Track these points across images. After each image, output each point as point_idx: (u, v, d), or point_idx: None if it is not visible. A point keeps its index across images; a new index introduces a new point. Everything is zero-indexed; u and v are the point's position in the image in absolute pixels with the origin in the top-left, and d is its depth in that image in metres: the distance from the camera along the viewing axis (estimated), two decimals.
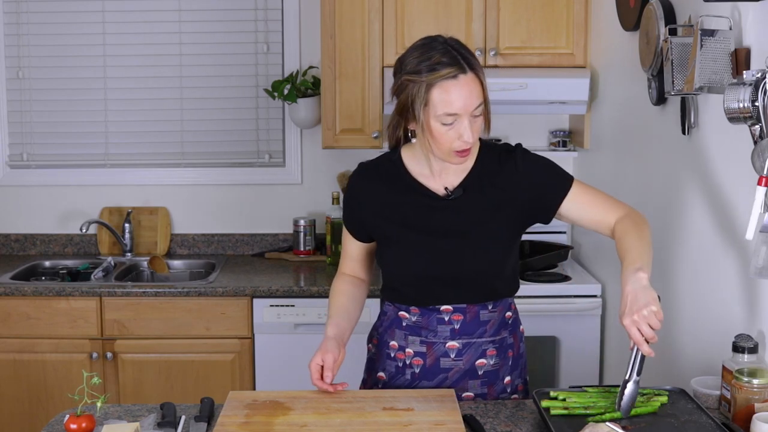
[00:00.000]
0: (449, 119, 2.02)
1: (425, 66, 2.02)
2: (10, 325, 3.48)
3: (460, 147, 2.05)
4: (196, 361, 3.51)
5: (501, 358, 2.22)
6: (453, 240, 2.14)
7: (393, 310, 2.25)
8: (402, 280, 2.21)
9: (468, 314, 2.18)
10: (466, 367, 2.19)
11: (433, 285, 2.17)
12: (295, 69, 3.95)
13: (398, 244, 2.18)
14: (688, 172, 2.54)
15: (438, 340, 2.19)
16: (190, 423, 1.99)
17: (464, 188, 2.15)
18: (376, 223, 2.21)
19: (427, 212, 2.15)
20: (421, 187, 2.17)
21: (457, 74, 2.01)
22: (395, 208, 2.18)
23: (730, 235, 2.24)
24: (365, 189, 2.22)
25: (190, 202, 4.09)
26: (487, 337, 2.20)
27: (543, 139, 4.02)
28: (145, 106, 4.05)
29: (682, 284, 2.59)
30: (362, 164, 2.27)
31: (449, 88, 2.01)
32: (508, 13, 3.59)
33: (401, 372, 2.23)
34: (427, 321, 2.19)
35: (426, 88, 2.01)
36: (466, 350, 2.19)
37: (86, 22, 4.00)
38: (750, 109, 1.90)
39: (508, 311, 2.25)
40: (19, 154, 4.09)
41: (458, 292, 2.17)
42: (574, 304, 3.40)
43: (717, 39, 2.13)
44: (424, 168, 2.17)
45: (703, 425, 1.90)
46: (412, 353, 2.21)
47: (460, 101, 2.01)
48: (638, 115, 2.98)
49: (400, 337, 2.23)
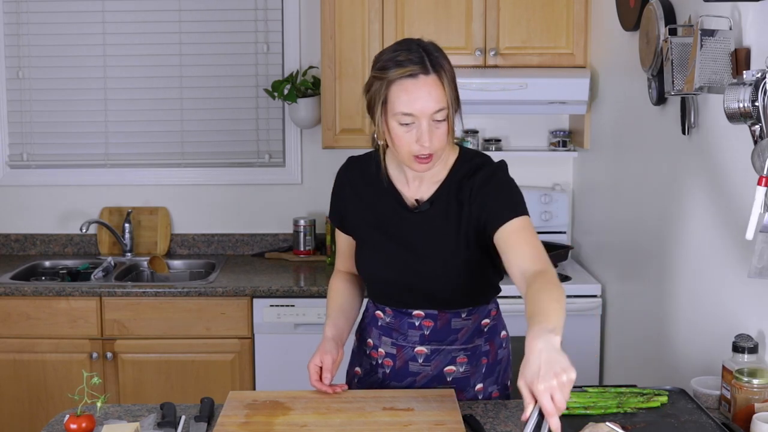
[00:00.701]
0: (406, 119, 1.96)
1: (392, 63, 1.97)
2: (10, 325, 3.48)
3: (419, 152, 1.98)
4: (196, 361, 3.51)
5: (472, 365, 2.19)
6: (412, 251, 2.12)
7: (372, 308, 2.26)
8: (372, 280, 2.21)
9: (439, 321, 2.15)
10: (434, 372, 2.18)
11: (401, 290, 2.16)
12: (295, 69, 3.95)
13: (369, 246, 2.18)
14: (688, 172, 2.54)
15: (407, 343, 2.18)
16: (190, 423, 1.99)
17: (431, 202, 2.11)
18: (353, 220, 2.21)
19: (396, 220, 2.13)
20: (396, 193, 2.14)
21: (417, 74, 1.94)
22: (371, 210, 2.17)
23: (730, 235, 2.24)
24: (349, 184, 2.22)
25: (190, 202, 4.09)
26: (458, 345, 2.17)
27: (543, 139, 4.02)
28: (145, 106, 4.05)
29: (682, 284, 2.59)
30: (351, 158, 2.26)
31: (407, 86, 1.95)
32: (508, 13, 3.59)
33: (374, 370, 2.23)
34: (399, 323, 2.18)
35: (386, 86, 1.97)
36: (435, 356, 2.17)
37: (86, 22, 4.00)
38: (750, 109, 1.90)
39: (485, 318, 2.20)
40: (19, 154, 4.09)
41: (426, 301, 2.15)
42: (574, 304, 3.40)
43: (717, 39, 2.13)
44: (400, 174, 2.14)
45: (703, 425, 1.90)
46: (384, 353, 2.21)
47: (418, 102, 1.94)
48: (638, 115, 2.98)
49: (375, 335, 2.23)
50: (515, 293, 3.10)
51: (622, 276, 3.25)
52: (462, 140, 3.89)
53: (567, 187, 4.00)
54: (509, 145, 4.00)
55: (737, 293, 2.20)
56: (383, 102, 1.98)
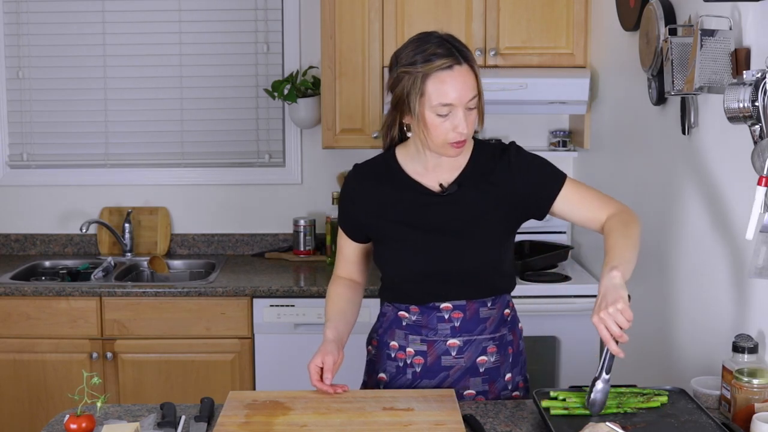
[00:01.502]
0: (444, 110, 2.03)
1: (420, 57, 2.04)
2: (10, 325, 3.48)
3: (455, 139, 2.06)
4: (196, 361, 3.51)
5: (501, 354, 2.23)
6: (450, 237, 2.14)
7: (392, 310, 2.26)
8: (401, 277, 2.22)
9: (468, 311, 2.18)
10: (468, 364, 2.20)
11: (432, 282, 2.17)
12: (295, 69, 3.95)
13: (396, 242, 2.19)
14: (687, 172, 2.54)
15: (439, 338, 2.19)
16: (190, 423, 1.99)
17: (459, 184, 2.16)
18: (373, 222, 2.21)
19: (423, 209, 2.16)
20: (416, 184, 2.18)
21: (452, 65, 2.03)
22: (391, 206, 2.18)
23: (730, 235, 2.24)
24: (360, 189, 2.23)
25: (190, 202, 4.09)
26: (487, 334, 2.20)
27: (543, 139, 4.02)
28: (145, 106, 4.05)
29: (682, 284, 2.59)
30: (357, 165, 2.28)
31: (444, 78, 2.02)
32: (508, 13, 3.59)
33: (402, 372, 2.23)
34: (427, 319, 2.19)
35: (422, 79, 2.03)
36: (467, 347, 2.19)
37: (86, 22, 4.00)
38: (750, 109, 1.90)
39: (506, 308, 2.25)
40: (19, 154, 4.09)
41: (457, 289, 2.17)
42: (574, 304, 3.40)
43: (717, 39, 2.13)
44: (418, 165, 2.18)
45: (703, 425, 1.90)
46: (413, 352, 2.21)
47: (455, 92, 2.02)
48: (638, 115, 2.98)
49: (400, 336, 2.23)
50: (520, 293, 3.13)
51: None
52: None
53: None
54: None
55: (737, 293, 2.20)
56: (420, 94, 2.04)
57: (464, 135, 2.06)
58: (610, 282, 1.90)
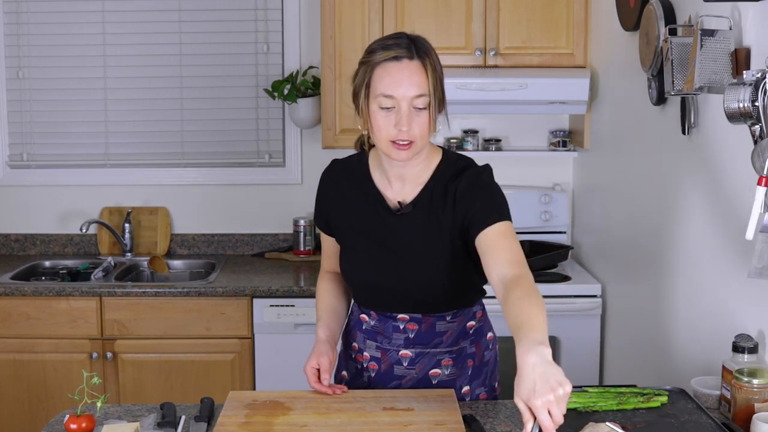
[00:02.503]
0: (387, 102, 1.97)
1: (376, 47, 2.02)
2: (10, 325, 3.48)
3: (397, 137, 1.97)
4: (196, 361, 3.51)
5: (458, 368, 2.18)
6: (400, 255, 2.11)
7: (357, 311, 2.25)
8: (355, 284, 2.21)
9: (423, 324, 2.15)
10: (419, 376, 2.17)
11: (386, 294, 2.15)
12: (295, 69, 3.95)
13: (352, 249, 2.17)
14: (688, 172, 2.54)
15: (392, 347, 2.17)
16: (190, 423, 1.99)
17: (414, 204, 2.10)
18: (337, 223, 2.20)
19: (378, 222, 2.13)
20: (379, 195, 2.13)
21: (400, 57, 1.97)
22: (352, 212, 2.16)
23: (730, 235, 2.24)
24: (333, 187, 2.21)
25: (190, 202, 4.09)
26: (443, 347, 2.16)
27: (543, 139, 4.02)
28: (145, 106, 4.05)
29: (682, 284, 2.59)
30: (334, 161, 2.25)
31: (390, 69, 1.97)
32: (508, 13, 3.59)
33: (360, 374, 2.23)
34: (384, 327, 2.18)
35: (370, 69, 2.00)
36: (419, 360, 2.17)
37: (86, 22, 4.00)
38: (750, 109, 1.90)
39: (470, 321, 2.19)
40: (19, 154, 4.09)
41: (411, 304, 2.14)
42: (574, 304, 3.40)
43: (717, 39, 2.13)
44: (382, 176, 2.14)
45: (703, 425, 1.90)
46: (369, 357, 2.20)
47: (398, 84, 1.96)
48: (638, 115, 2.98)
49: (360, 339, 2.22)
50: None
51: (622, 276, 3.25)
52: (462, 140, 3.89)
53: (567, 187, 4.00)
54: (509, 145, 4.00)
55: (737, 293, 2.20)
56: (366, 85, 2.00)
57: (406, 134, 1.97)
58: (545, 360, 1.61)
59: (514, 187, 3.93)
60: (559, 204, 3.91)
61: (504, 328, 2.04)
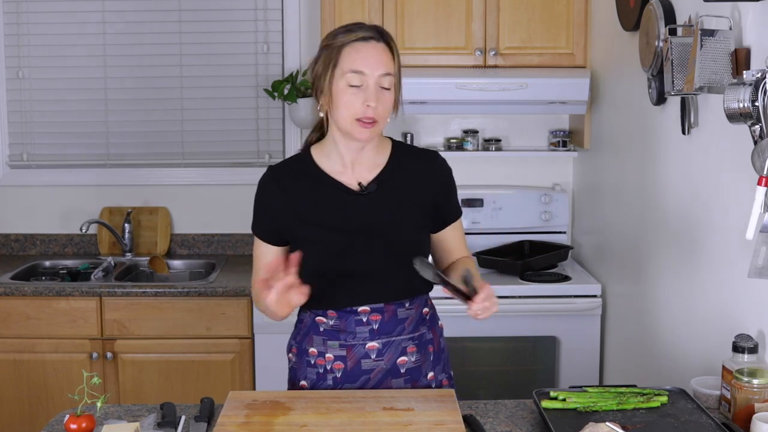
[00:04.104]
0: (355, 79, 2.04)
1: (341, 31, 2.09)
2: (10, 325, 3.49)
3: (364, 113, 2.05)
4: (196, 361, 3.51)
5: (422, 354, 2.21)
6: (369, 236, 2.12)
7: (310, 316, 2.22)
8: (318, 281, 2.14)
9: (386, 313, 2.17)
10: (388, 366, 2.18)
11: (350, 284, 2.15)
12: (295, 69, 3.95)
13: (314, 243, 2.14)
14: (688, 172, 2.54)
15: (357, 341, 2.17)
16: (190, 423, 1.99)
17: (378, 183, 2.15)
18: (290, 223, 2.16)
19: (342, 208, 2.14)
20: (335, 182, 2.15)
21: (369, 38, 2.06)
22: (309, 206, 2.15)
23: (729, 234, 2.24)
24: (276, 190, 2.18)
25: (190, 202, 4.10)
26: (406, 335, 2.19)
27: (543, 139, 4.02)
28: (145, 106, 4.05)
29: (682, 284, 2.59)
30: (271, 167, 2.23)
31: (359, 48, 2.06)
32: (508, 13, 3.59)
33: (323, 378, 2.20)
34: (345, 323, 2.17)
35: (337, 50, 2.07)
36: (387, 349, 2.17)
37: (86, 22, 4.00)
38: (750, 109, 1.90)
39: (425, 307, 2.24)
40: (19, 154, 4.09)
41: (375, 291, 2.15)
42: (574, 304, 3.40)
43: (717, 39, 2.13)
44: (335, 163, 2.16)
45: (703, 425, 1.90)
46: (333, 357, 2.19)
47: (368, 61, 2.04)
48: (638, 115, 2.98)
49: (319, 342, 2.20)
50: (520, 293, 3.11)
51: (622, 276, 3.26)
52: (462, 140, 3.89)
53: (567, 187, 4.00)
54: (509, 145, 4.00)
55: (737, 293, 2.20)
56: (333, 65, 2.06)
57: (372, 110, 2.04)
58: None
59: (514, 187, 3.93)
60: (559, 204, 3.91)
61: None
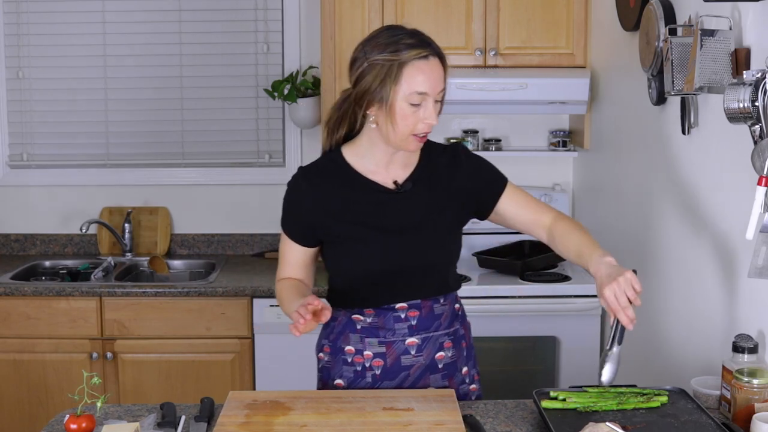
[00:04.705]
0: (417, 99, 2.04)
1: (394, 47, 2.04)
2: (10, 325, 3.48)
3: (423, 130, 2.07)
4: (196, 361, 3.51)
5: (457, 349, 2.24)
6: (405, 234, 2.14)
7: (345, 314, 2.21)
8: (356, 279, 2.17)
9: (423, 309, 2.19)
10: (427, 362, 2.19)
11: (388, 281, 2.16)
12: (295, 69, 3.95)
13: (351, 242, 2.15)
14: (688, 172, 2.54)
15: (397, 338, 2.18)
16: (190, 423, 1.99)
17: (413, 182, 2.17)
18: (325, 223, 2.16)
19: (378, 207, 2.15)
20: (369, 182, 2.16)
21: (427, 55, 2.05)
22: (344, 206, 2.15)
23: (729, 234, 2.24)
24: (309, 191, 2.18)
25: (190, 202, 4.09)
26: (442, 330, 2.21)
27: (543, 139, 4.02)
28: (145, 106, 4.05)
29: (682, 284, 2.59)
30: (302, 168, 2.23)
31: (421, 67, 2.04)
32: (508, 13, 3.59)
33: (361, 376, 2.20)
34: (384, 320, 2.18)
35: (398, 67, 2.03)
36: (426, 345, 2.19)
37: (86, 22, 4.00)
38: (750, 109, 1.90)
39: (456, 304, 2.28)
40: (19, 154, 4.09)
41: (413, 287, 2.16)
42: (574, 304, 3.40)
43: (717, 39, 2.13)
44: (369, 163, 2.17)
45: (703, 425, 1.90)
46: (372, 355, 2.19)
47: (430, 81, 2.04)
48: (638, 115, 2.98)
49: (356, 340, 2.20)
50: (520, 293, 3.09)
51: None
52: (462, 140, 3.89)
53: (567, 187, 4.00)
54: (509, 145, 4.00)
55: (737, 293, 2.20)
56: (394, 82, 2.04)
57: (431, 127, 2.08)
58: (610, 264, 1.94)
59: None
60: (559, 204, 3.90)
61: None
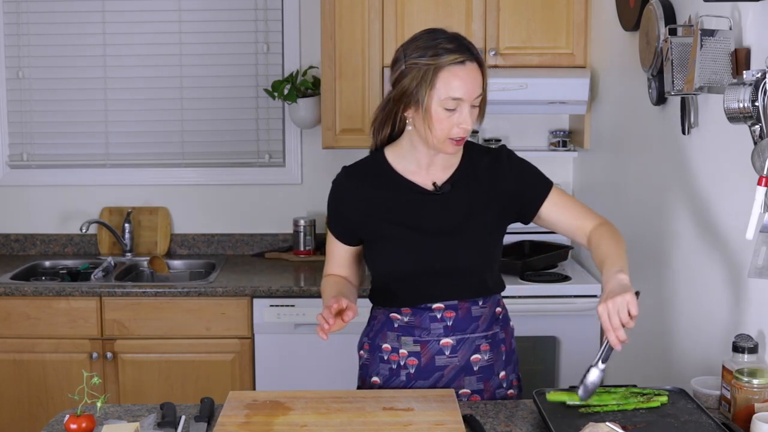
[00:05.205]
0: (452, 104, 2.04)
1: (433, 51, 2.05)
2: (10, 325, 3.48)
3: (458, 135, 2.08)
4: (196, 361, 3.51)
5: (494, 353, 2.23)
6: (443, 236, 2.15)
7: (383, 312, 2.24)
8: (393, 278, 2.20)
9: (460, 310, 2.19)
10: (461, 363, 2.19)
11: (425, 281, 2.17)
12: (295, 69, 3.95)
13: (389, 242, 2.17)
14: (688, 172, 2.54)
15: (432, 338, 2.19)
16: (190, 423, 1.99)
17: (452, 184, 2.18)
18: (366, 222, 2.19)
19: (417, 208, 2.16)
20: (409, 183, 2.18)
21: (464, 60, 2.05)
22: (385, 206, 2.18)
23: (729, 234, 2.24)
24: (351, 190, 2.21)
25: (190, 202, 4.10)
26: (479, 333, 2.21)
27: (543, 139, 4.02)
28: (145, 106, 4.05)
29: (682, 284, 2.59)
30: (345, 167, 2.26)
31: (457, 72, 2.04)
32: (508, 13, 3.59)
33: (396, 374, 2.22)
34: (420, 320, 2.19)
35: (433, 71, 2.04)
36: (461, 346, 2.19)
37: (86, 22, 4.00)
38: (750, 109, 1.90)
39: (497, 307, 2.26)
40: (19, 154, 4.09)
41: (450, 289, 2.17)
42: (574, 304, 3.40)
43: (717, 39, 2.13)
44: (410, 164, 2.18)
45: (703, 425, 1.90)
46: (407, 354, 2.20)
47: (465, 87, 2.04)
48: (638, 115, 2.98)
49: (392, 338, 2.22)
50: (520, 293, 3.10)
51: None
52: None
53: (567, 187, 4.00)
54: (509, 145, 3.98)
55: (737, 293, 2.20)
56: (430, 87, 2.04)
57: (467, 132, 2.08)
58: (618, 282, 1.92)
59: None
60: None
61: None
